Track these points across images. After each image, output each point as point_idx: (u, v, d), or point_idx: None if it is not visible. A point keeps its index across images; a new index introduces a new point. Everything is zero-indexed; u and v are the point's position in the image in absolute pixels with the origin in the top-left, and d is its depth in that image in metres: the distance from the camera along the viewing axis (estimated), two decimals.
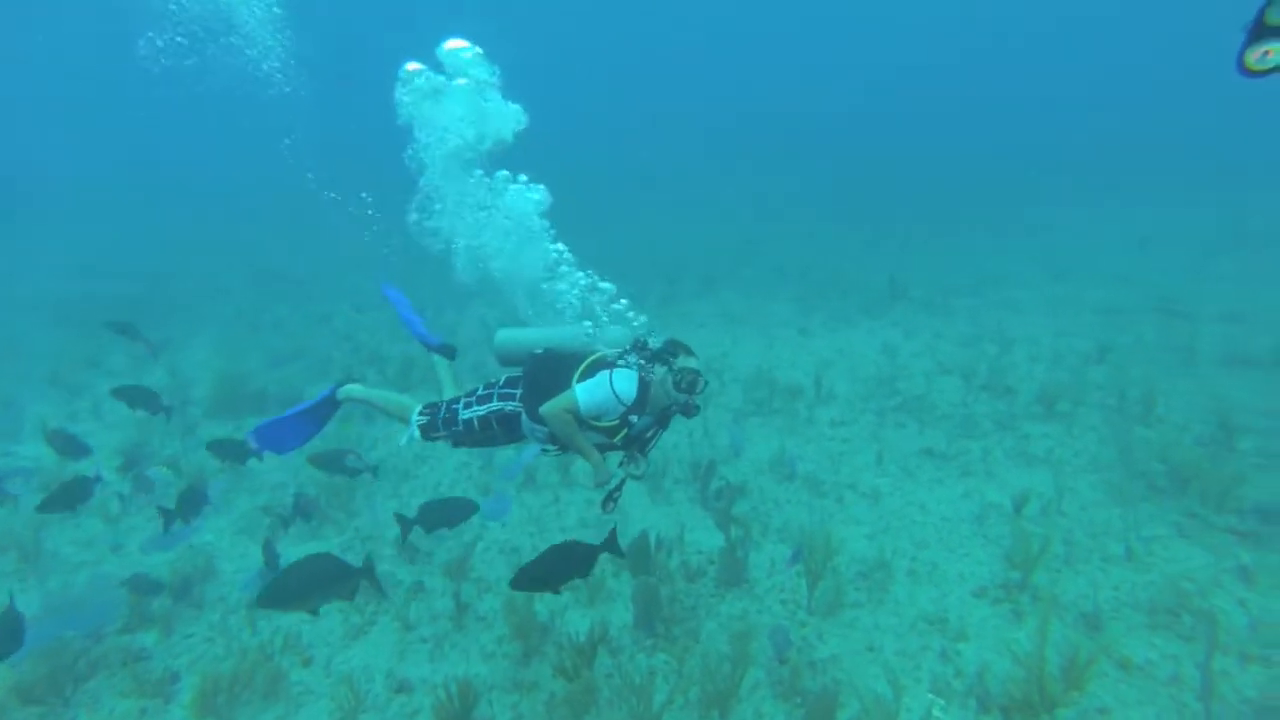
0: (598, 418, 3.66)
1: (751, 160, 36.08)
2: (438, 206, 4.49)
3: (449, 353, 4.60)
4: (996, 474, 6.65)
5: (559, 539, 5.94)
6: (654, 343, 3.87)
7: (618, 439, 3.74)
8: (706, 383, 3.75)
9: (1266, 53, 1.58)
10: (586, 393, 3.60)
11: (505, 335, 4.16)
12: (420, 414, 4.14)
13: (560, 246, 4.28)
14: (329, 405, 4.59)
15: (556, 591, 3.53)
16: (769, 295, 13.95)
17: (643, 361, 3.73)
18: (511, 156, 4.50)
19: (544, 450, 3.93)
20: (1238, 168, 26.08)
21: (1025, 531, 5.16)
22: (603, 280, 4.23)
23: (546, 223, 4.37)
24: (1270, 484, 6.01)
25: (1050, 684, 3.71)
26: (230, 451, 5.56)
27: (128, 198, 30.60)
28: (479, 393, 4.06)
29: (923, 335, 11.03)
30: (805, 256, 16.80)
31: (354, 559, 5.75)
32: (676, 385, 3.64)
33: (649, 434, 3.89)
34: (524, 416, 3.89)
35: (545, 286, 4.27)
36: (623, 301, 4.22)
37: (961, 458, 6.98)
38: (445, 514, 4.66)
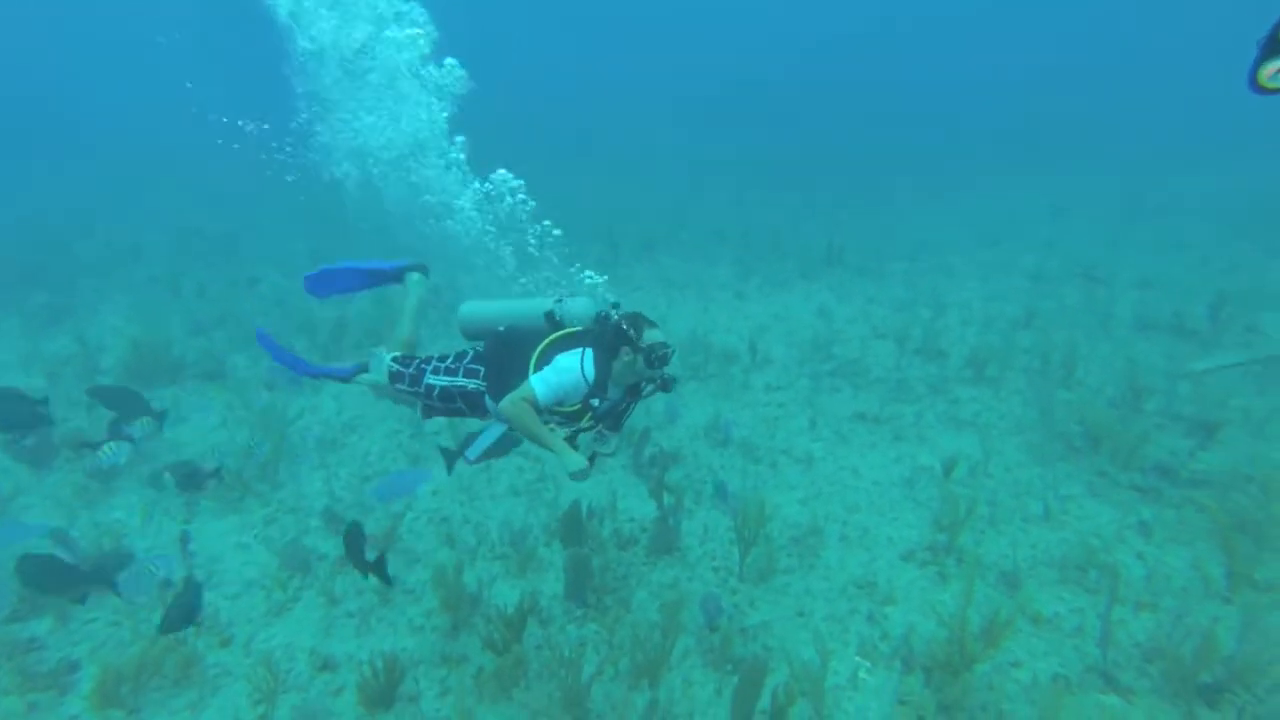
0: (559, 404, 3.61)
1: (689, 126, 35.97)
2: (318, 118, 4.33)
3: (420, 269, 4.54)
4: (928, 438, 6.89)
5: (491, 507, 5.93)
6: (617, 316, 3.80)
7: (583, 422, 3.71)
8: (672, 350, 3.71)
9: (1275, 71, 1.55)
10: (543, 383, 3.53)
11: (469, 309, 4.12)
12: (393, 360, 4.08)
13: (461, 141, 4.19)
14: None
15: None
16: (707, 259, 14.01)
17: (605, 339, 3.66)
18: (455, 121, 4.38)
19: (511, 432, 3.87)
20: (1141, 145, 27.26)
21: (953, 494, 5.39)
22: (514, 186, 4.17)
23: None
24: (1169, 443, 6.44)
25: (971, 643, 3.89)
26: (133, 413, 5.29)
27: (17, 148, 28.39)
28: (448, 362, 4.00)
29: (858, 300, 11.27)
30: (743, 221, 16.84)
31: (278, 533, 5.63)
32: (649, 363, 3.60)
33: (620, 408, 3.87)
34: (487, 397, 3.85)
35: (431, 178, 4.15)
36: (522, 197, 4.17)
37: (894, 422, 7.20)
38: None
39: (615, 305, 3.94)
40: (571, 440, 3.76)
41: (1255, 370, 7.80)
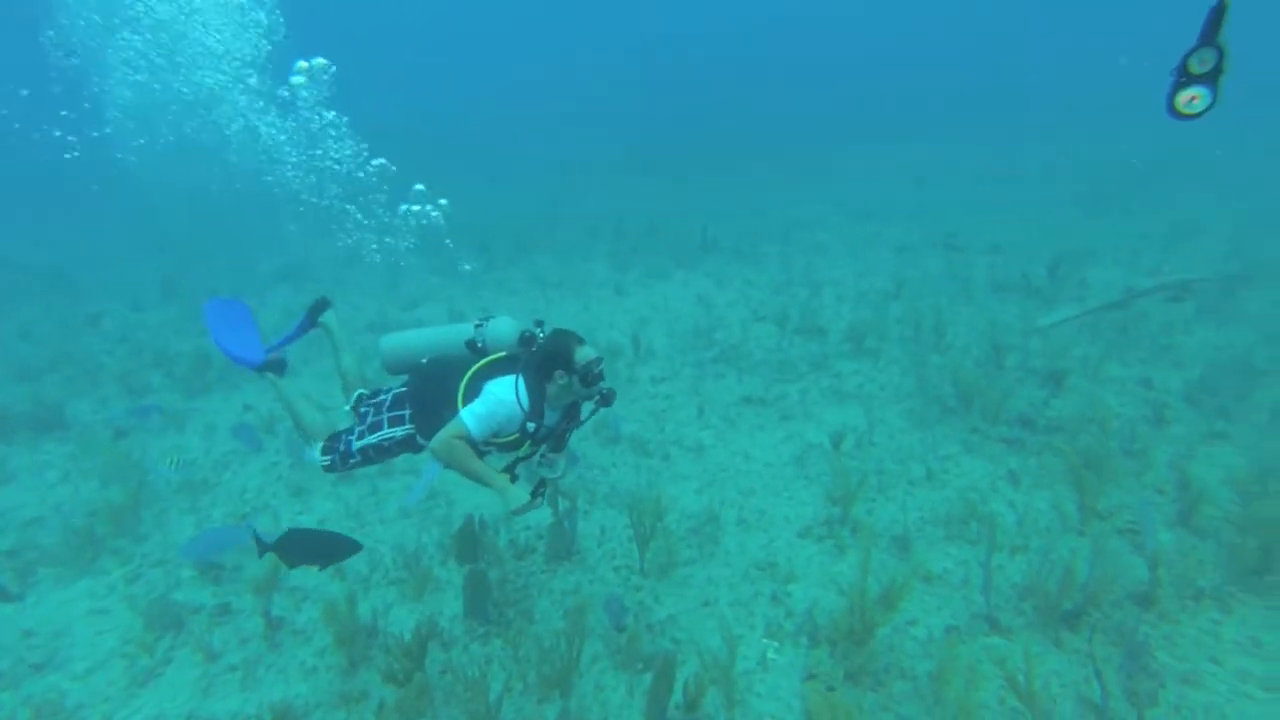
0: (495, 435, 3.58)
1: (559, 124, 36.17)
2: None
3: (324, 306, 4.63)
4: (814, 414, 7.29)
5: (382, 532, 5.78)
6: (542, 335, 3.79)
7: (522, 450, 3.69)
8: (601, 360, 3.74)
9: (1193, 98, 1.75)
10: (474, 416, 3.48)
11: (391, 343, 4.05)
12: (323, 454, 4.01)
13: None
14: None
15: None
16: (583, 256, 14.19)
17: (536, 363, 3.65)
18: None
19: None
20: (998, 119, 29.85)
21: (843, 467, 5.74)
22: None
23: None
24: (1028, 395, 7.17)
25: (871, 609, 4.20)
26: None
27: None
28: (368, 420, 3.94)
29: (736, 284, 11.73)
30: (617, 215, 17.13)
31: (143, 590, 5.24)
32: (585, 382, 3.61)
33: (559, 430, 3.87)
34: (418, 437, 3.80)
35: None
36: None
37: (780, 402, 7.56)
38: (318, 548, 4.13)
39: (539, 324, 3.92)
40: (511, 469, 3.76)
41: (1088, 320, 8.82)
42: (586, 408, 3.86)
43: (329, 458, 3.98)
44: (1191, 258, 11.19)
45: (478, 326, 3.95)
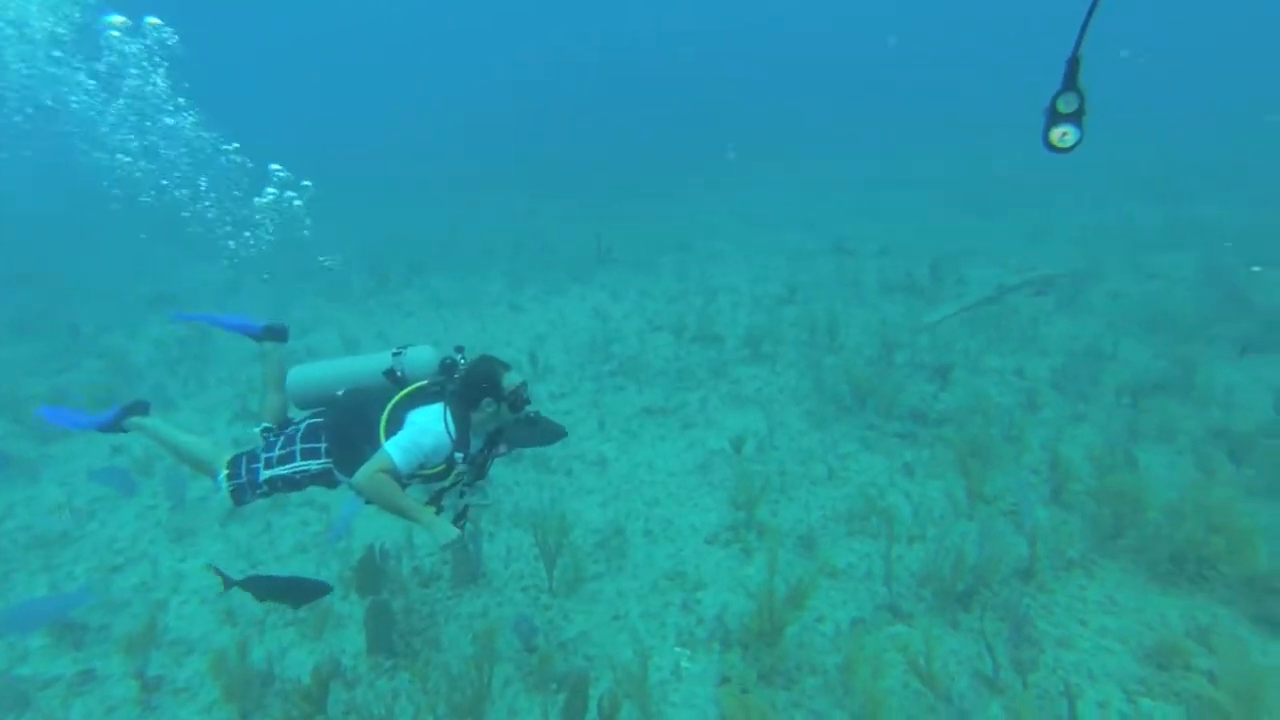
0: (422, 468, 3.50)
1: (450, 144, 35.89)
2: None
3: (279, 334, 4.32)
4: (715, 421, 7.48)
5: (277, 570, 5.53)
6: (464, 363, 3.74)
7: (448, 480, 3.63)
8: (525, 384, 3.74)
9: (1064, 134, 1.98)
10: (400, 449, 3.40)
11: (299, 376, 3.88)
12: (229, 478, 3.76)
13: None
14: (113, 427, 4.21)
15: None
16: (479, 275, 14.15)
17: (461, 391, 3.60)
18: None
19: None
20: (894, 132, 31.63)
21: (746, 472, 5.94)
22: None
23: None
24: (918, 389, 7.63)
25: (779, 610, 4.36)
26: None
27: None
28: (278, 449, 3.74)
29: (632, 295, 11.94)
30: (513, 232, 17.23)
31: None
32: (512, 408, 3.61)
33: (483, 457, 3.81)
34: (336, 471, 3.66)
35: None
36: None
37: (681, 411, 7.73)
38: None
39: (460, 350, 3.89)
40: (437, 500, 3.69)
41: (968, 316, 9.50)
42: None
43: (235, 482, 3.77)
44: (1048, 256, 12.22)
45: (396, 355, 3.87)
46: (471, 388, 3.60)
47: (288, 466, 3.70)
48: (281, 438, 3.83)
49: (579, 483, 6.57)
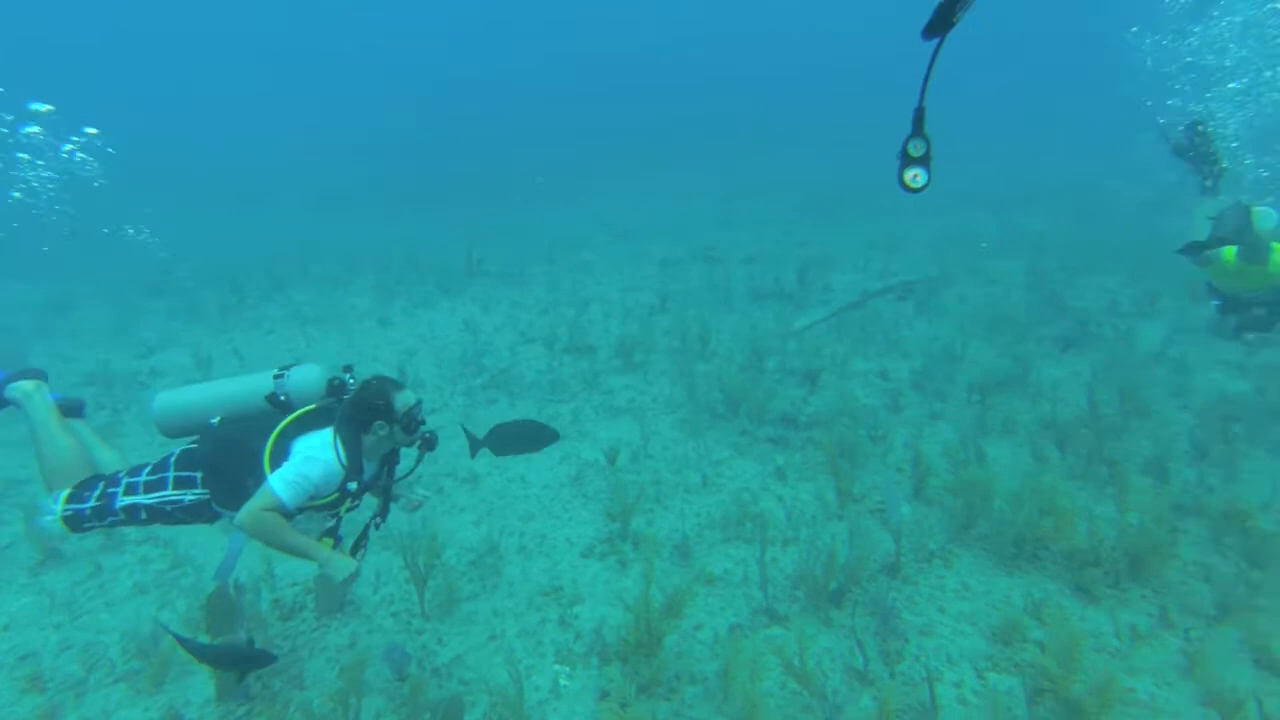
0: (312, 499, 3.28)
1: (315, 157, 34.35)
2: None
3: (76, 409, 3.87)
4: (589, 432, 7.53)
5: (107, 619, 5.07)
6: (354, 382, 3.54)
7: (341, 510, 3.43)
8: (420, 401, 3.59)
9: (915, 175, 2.13)
10: (286, 483, 3.16)
11: (166, 401, 3.51)
12: (69, 499, 3.37)
13: None
14: None
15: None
16: (344, 289, 13.72)
17: (352, 415, 3.39)
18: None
19: None
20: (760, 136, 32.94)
21: (620, 482, 6.01)
22: None
23: None
24: (789, 394, 8.00)
25: (657, 620, 4.43)
26: None
27: None
28: (144, 474, 3.39)
29: (503, 307, 11.86)
30: (380, 246, 16.80)
31: None
32: (406, 429, 3.46)
33: (379, 479, 3.66)
34: (214, 504, 3.38)
35: None
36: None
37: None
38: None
39: (348, 369, 3.68)
40: (334, 531, 3.50)
41: (834, 321, 10.06)
42: (408, 454, 3.74)
43: (75, 508, 3.39)
44: (906, 262, 13.15)
45: (278, 378, 3.59)
46: (362, 410, 3.42)
47: (155, 495, 3.40)
48: (150, 464, 3.52)
49: (451, 500, 6.45)
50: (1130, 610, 4.72)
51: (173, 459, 3.49)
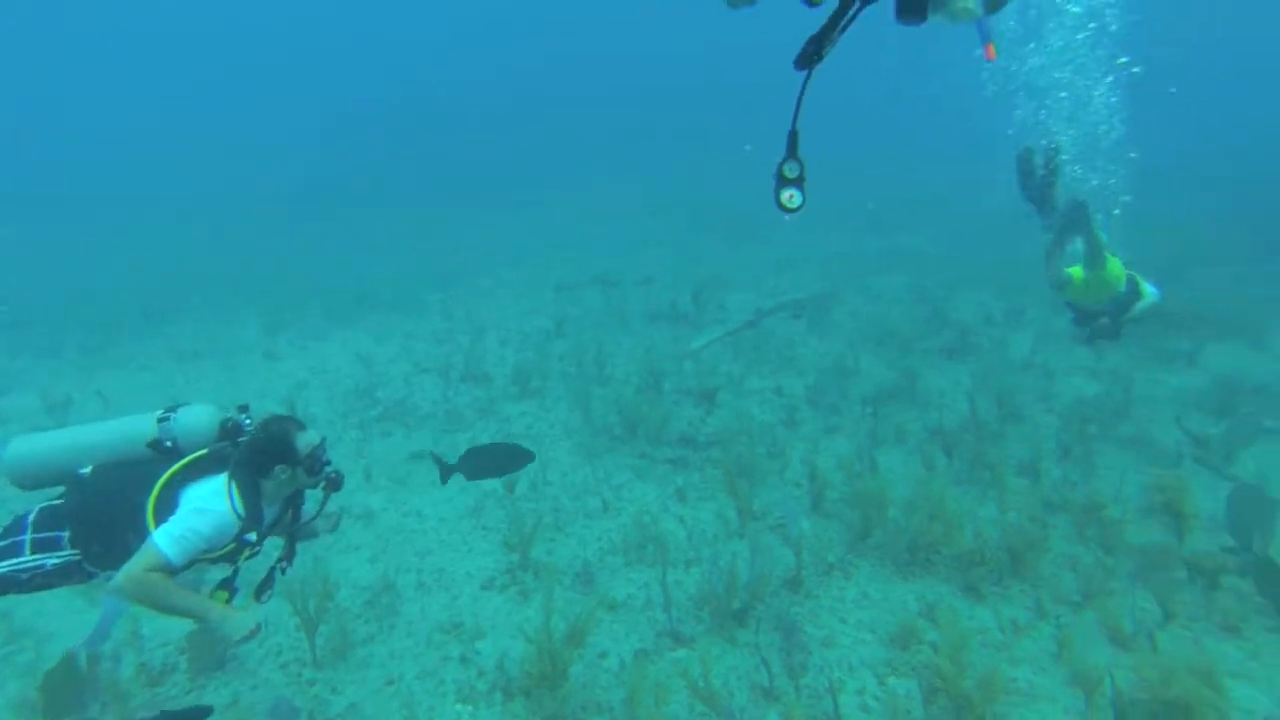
0: (204, 554, 2.96)
1: (185, 180, 32.55)
2: None
3: None
4: None
5: None
6: (250, 423, 3.26)
7: (239, 560, 3.12)
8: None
9: (790, 196, 2.24)
10: (172, 540, 2.83)
11: (24, 449, 3.11)
12: None
13: None
14: None
15: None
16: (228, 321, 13.17)
17: (248, 459, 3.10)
18: None
19: None
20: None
21: (519, 512, 5.93)
22: None
23: None
24: (686, 415, 8.11)
25: (560, 651, 4.37)
26: None
27: None
28: None
29: (397, 337, 11.63)
30: (265, 274, 16.12)
31: None
32: (311, 471, 3.19)
33: (284, 520, 3.38)
34: (86, 564, 3.00)
35: None
36: None
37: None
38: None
39: (244, 409, 3.37)
40: (230, 583, 3.17)
41: (730, 340, 10.32)
42: (312, 496, 3.50)
43: None
44: (797, 281, 13.64)
45: (163, 420, 3.23)
46: (261, 453, 3.14)
47: (9, 562, 2.99)
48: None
49: (344, 539, 6.21)
50: (1011, 605, 5.01)
51: (29, 520, 3.10)
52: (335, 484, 3.40)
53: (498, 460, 5.08)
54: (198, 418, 3.30)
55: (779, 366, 9.51)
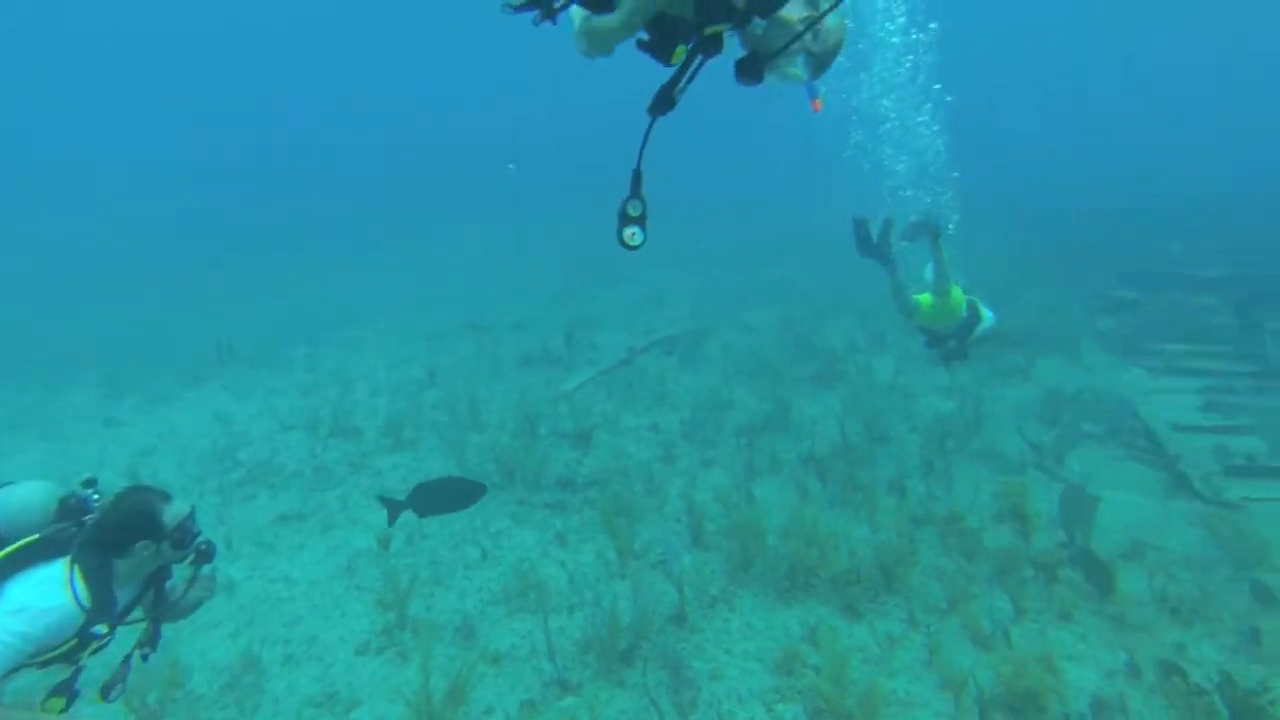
0: (34, 657, 2.51)
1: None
2: None
3: None
4: (359, 518, 7.09)
5: None
6: (98, 498, 2.80)
7: (83, 658, 2.66)
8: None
9: (632, 234, 2.31)
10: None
11: None
12: None
13: None
14: None
15: None
16: (58, 385, 12.03)
17: (99, 537, 2.68)
18: None
19: None
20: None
21: (394, 568, 5.67)
22: None
23: None
24: (563, 457, 8.06)
25: (440, 712, 4.18)
26: None
27: None
28: None
29: (259, 394, 11.03)
30: (106, 331, 14.80)
31: None
32: (177, 545, 2.78)
33: (145, 597, 2.92)
34: None
35: None
36: None
37: (320, 513, 7.20)
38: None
39: (90, 483, 2.92)
40: (69, 685, 2.74)
41: (603, 380, 10.38)
42: (179, 570, 3.05)
43: None
44: (668, 318, 13.90)
45: None
46: (118, 530, 2.76)
47: None
48: None
49: (200, 616, 5.69)
50: (887, 619, 5.22)
51: None
52: (206, 555, 2.99)
53: (449, 495, 4.92)
54: (27, 498, 2.88)
55: (653, 403, 9.62)
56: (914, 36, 7.78)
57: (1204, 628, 5.04)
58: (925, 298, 7.40)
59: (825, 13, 2.31)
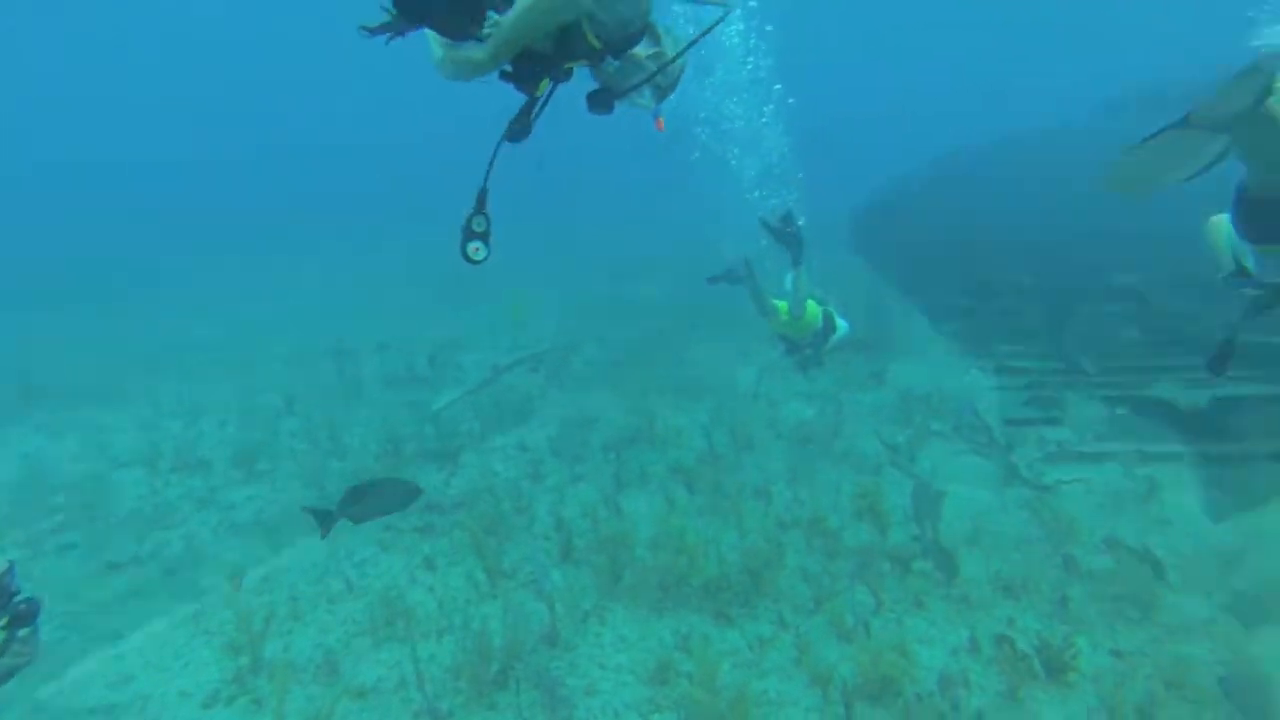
0: None
1: None
2: None
3: None
4: (206, 557, 6.59)
5: None
6: None
7: None
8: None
9: (476, 249, 2.38)
10: None
11: None
12: None
13: None
14: None
15: None
16: None
17: None
18: None
19: None
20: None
21: (246, 608, 5.28)
22: None
23: None
24: (429, 478, 7.84)
25: None
26: None
27: None
28: None
29: (84, 431, 10.00)
30: None
31: None
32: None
33: None
34: None
35: None
36: None
37: (157, 558, 6.65)
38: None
39: None
40: None
41: (470, 399, 10.21)
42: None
43: None
44: (533, 336, 13.79)
45: None
46: None
47: None
48: None
49: (6, 693, 5.08)
50: (757, 622, 5.36)
51: None
52: (27, 616, 2.76)
53: (383, 498, 4.62)
54: None
55: (520, 420, 9.51)
56: (751, 42, 8.06)
57: (1028, 600, 5.51)
58: (784, 305, 7.70)
59: (675, 58, 2.56)
